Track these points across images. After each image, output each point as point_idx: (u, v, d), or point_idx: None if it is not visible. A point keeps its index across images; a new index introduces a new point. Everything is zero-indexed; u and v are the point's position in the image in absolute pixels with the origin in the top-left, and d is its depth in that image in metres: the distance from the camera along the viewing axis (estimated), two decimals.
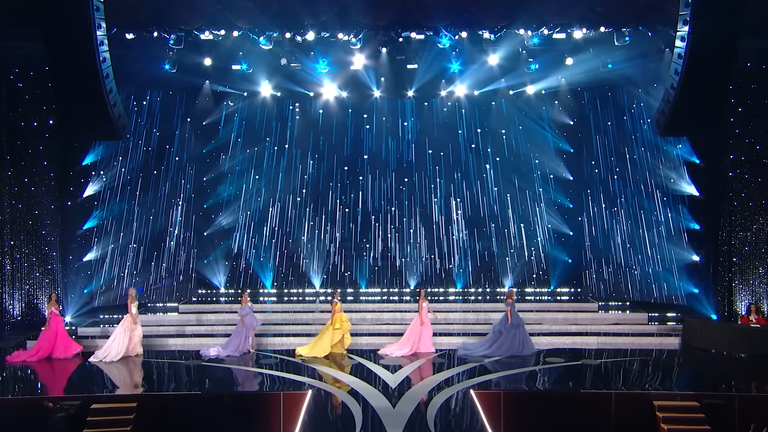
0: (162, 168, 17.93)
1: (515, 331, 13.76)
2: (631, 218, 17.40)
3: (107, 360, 13.33)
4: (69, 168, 16.38)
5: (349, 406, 10.49)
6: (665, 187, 16.82)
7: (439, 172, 19.35)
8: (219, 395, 10.97)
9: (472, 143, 19.26)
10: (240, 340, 13.93)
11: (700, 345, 14.03)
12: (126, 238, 17.24)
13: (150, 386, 11.93)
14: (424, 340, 13.98)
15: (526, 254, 19.07)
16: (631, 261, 17.42)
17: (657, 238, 16.91)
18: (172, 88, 17.67)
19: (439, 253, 19.28)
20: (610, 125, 17.84)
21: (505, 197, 19.10)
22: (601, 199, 18.04)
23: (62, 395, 11.00)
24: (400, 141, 19.43)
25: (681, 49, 12.58)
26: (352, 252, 19.42)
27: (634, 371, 12.57)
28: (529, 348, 13.78)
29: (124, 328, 13.68)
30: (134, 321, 13.76)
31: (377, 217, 19.37)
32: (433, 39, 16.03)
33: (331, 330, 13.79)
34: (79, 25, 12.31)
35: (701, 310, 16.07)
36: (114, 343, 13.54)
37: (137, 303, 14.08)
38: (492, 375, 12.41)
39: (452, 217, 19.28)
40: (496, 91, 18.21)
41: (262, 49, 15.98)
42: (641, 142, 17.20)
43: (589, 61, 16.24)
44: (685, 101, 13.05)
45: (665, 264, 16.79)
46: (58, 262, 15.86)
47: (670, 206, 16.76)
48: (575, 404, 10.70)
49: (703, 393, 10.86)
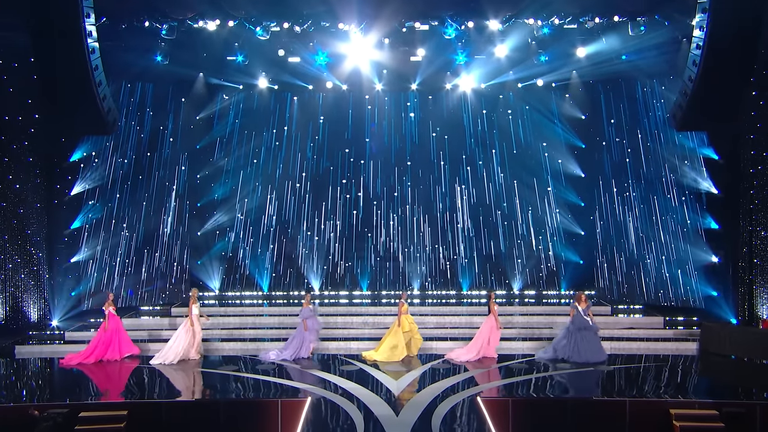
0: (153, 164, 17.90)
1: (578, 336, 13.49)
2: (645, 217, 17.35)
3: (167, 362, 13.39)
4: (56, 164, 16.37)
5: (350, 414, 10.44)
6: (682, 185, 16.76)
7: (443, 169, 19.30)
8: (214, 402, 10.94)
9: (478, 139, 19.22)
10: (299, 345, 13.80)
11: (719, 350, 13.94)
12: (115, 239, 17.24)
13: (141, 393, 11.88)
14: (492, 345, 13.84)
15: (535, 255, 19.01)
16: (645, 262, 17.36)
17: (673, 238, 16.85)
18: (164, 80, 17.65)
19: (443, 254, 19.24)
20: (624, 120, 17.80)
21: (513, 195, 19.06)
22: (614, 197, 17.98)
23: (49, 402, 10.95)
24: (403, 137, 19.39)
25: (699, 39, 12.57)
26: (353, 252, 19.38)
27: (649, 378, 12.50)
28: (586, 355, 13.30)
29: (185, 329, 13.71)
30: (194, 323, 13.74)
31: (378, 215, 19.31)
32: (438, 29, 16.02)
33: (400, 333, 13.73)
34: (67, 15, 12.32)
35: (720, 313, 15.98)
36: (174, 345, 13.59)
37: (199, 304, 14.08)
38: (500, 382, 12.36)
39: (457, 217, 19.23)
40: (503, 83, 18.21)
41: (259, 40, 16.01)
42: (657, 138, 17.14)
43: (602, 53, 16.19)
44: (703, 94, 13.04)
45: (682, 265, 16.72)
46: (44, 264, 15.83)
47: (687, 205, 16.69)
48: (587, 412, 10.62)
49: (723, 401, 10.75)
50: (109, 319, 13.79)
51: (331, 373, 12.79)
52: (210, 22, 15.59)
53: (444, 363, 13.49)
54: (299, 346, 13.79)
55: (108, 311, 13.80)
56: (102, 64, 13.36)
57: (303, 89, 18.66)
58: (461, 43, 16.60)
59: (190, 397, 11.85)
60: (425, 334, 14.89)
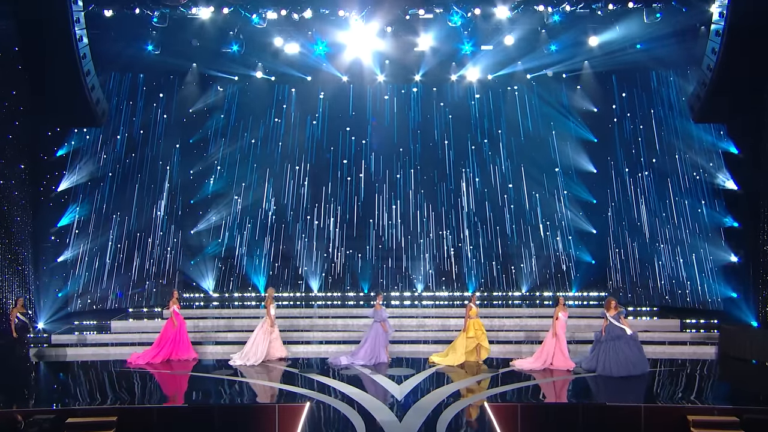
0: (144, 159, 17.86)
1: (609, 346, 12.97)
2: (661, 215, 17.27)
3: (248, 364, 13.56)
4: (42, 159, 16.31)
5: (351, 420, 10.41)
6: (700, 181, 16.67)
7: (448, 164, 19.25)
8: (207, 408, 10.92)
9: (485, 133, 19.17)
10: (373, 349, 13.77)
11: (739, 354, 13.91)
12: (104, 237, 17.20)
13: (132, 398, 11.85)
14: (558, 355, 13.37)
15: (545, 254, 18.97)
16: (661, 262, 17.28)
17: (691, 236, 16.78)
18: (156, 71, 17.60)
19: (447, 253, 19.20)
20: (639, 112, 17.71)
21: (521, 192, 19.01)
22: (629, 194, 17.89)
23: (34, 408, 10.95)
24: (406, 132, 19.32)
25: (719, 26, 12.51)
26: (353, 252, 19.35)
27: (665, 382, 12.47)
28: (626, 368, 12.71)
29: (263, 330, 13.86)
30: (272, 323, 13.90)
31: (380, 213, 19.27)
32: (443, 17, 15.96)
33: (465, 338, 13.68)
34: (53, 1, 12.27)
35: (740, 316, 15.87)
36: (253, 347, 13.77)
37: (275, 304, 14.23)
38: (507, 387, 12.32)
39: (462, 214, 19.18)
40: (512, 74, 18.15)
41: (255, 28, 15.93)
42: (673, 131, 17.05)
43: (616, 41, 16.13)
44: (722, 84, 12.97)
45: (699, 265, 16.64)
46: (29, 263, 15.77)
47: (705, 201, 16.61)
48: (600, 418, 10.59)
49: (744, 407, 10.72)
50: (176, 317, 14.06)
51: (331, 377, 12.78)
52: (204, 9, 15.53)
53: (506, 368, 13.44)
54: (374, 350, 13.76)
55: (173, 309, 14.07)
56: (90, 53, 13.32)
57: (301, 80, 18.61)
58: (467, 31, 16.54)
59: (182, 402, 11.84)
60: (429, 338, 14.89)
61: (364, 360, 13.66)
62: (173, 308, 14.10)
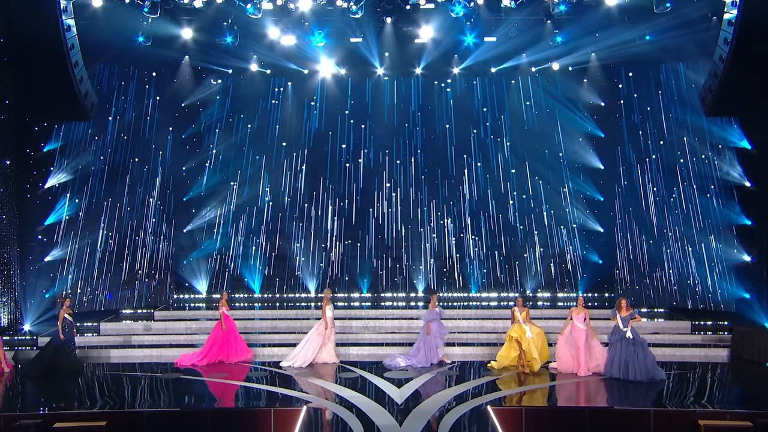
0: (135, 155, 17.84)
1: (620, 348, 12.80)
2: (672, 213, 17.27)
3: (296, 366, 13.53)
4: (28, 155, 16.23)
5: (350, 424, 10.38)
6: (712, 177, 16.65)
7: (449, 160, 19.21)
8: (200, 412, 10.87)
9: (488, 128, 19.12)
10: (429, 349, 13.73)
11: (752, 357, 13.88)
12: (93, 236, 17.15)
13: (122, 402, 11.80)
14: (593, 358, 13.16)
15: (550, 254, 18.93)
16: (671, 261, 17.27)
17: (702, 235, 16.76)
18: (147, 63, 17.57)
19: (449, 252, 19.18)
20: (648, 106, 17.69)
21: (525, 188, 18.98)
22: (638, 191, 17.89)
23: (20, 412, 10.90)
24: (408, 125, 19.31)
25: (732, 16, 12.47)
26: (351, 252, 19.32)
27: (675, 386, 12.43)
28: (640, 373, 12.51)
29: (317, 332, 13.78)
30: (327, 325, 13.79)
31: (379, 210, 19.24)
32: (444, 7, 15.89)
33: (509, 340, 13.55)
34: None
35: (753, 317, 15.87)
36: (303, 349, 13.72)
37: (332, 306, 14.14)
38: (511, 390, 12.30)
39: (464, 212, 19.15)
40: (516, 67, 18.13)
41: (249, 19, 15.86)
42: (683, 125, 17.04)
43: (624, 33, 16.09)
44: (735, 76, 12.93)
45: (711, 265, 16.62)
46: (15, 263, 15.73)
47: (717, 199, 16.58)
48: (608, 423, 10.51)
49: (757, 411, 10.67)
50: (225, 320, 14.04)
51: (330, 381, 12.77)
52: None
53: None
54: (428, 351, 13.73)
55: (222, 311, 14.05)
56: (78, 44, 13.27)
57: (298, 73, 18.57)
58: (470, 22, 16.49)
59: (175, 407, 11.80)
60: None
61: (420, 362, 13.64)
62: (222, 310, 14.06)
